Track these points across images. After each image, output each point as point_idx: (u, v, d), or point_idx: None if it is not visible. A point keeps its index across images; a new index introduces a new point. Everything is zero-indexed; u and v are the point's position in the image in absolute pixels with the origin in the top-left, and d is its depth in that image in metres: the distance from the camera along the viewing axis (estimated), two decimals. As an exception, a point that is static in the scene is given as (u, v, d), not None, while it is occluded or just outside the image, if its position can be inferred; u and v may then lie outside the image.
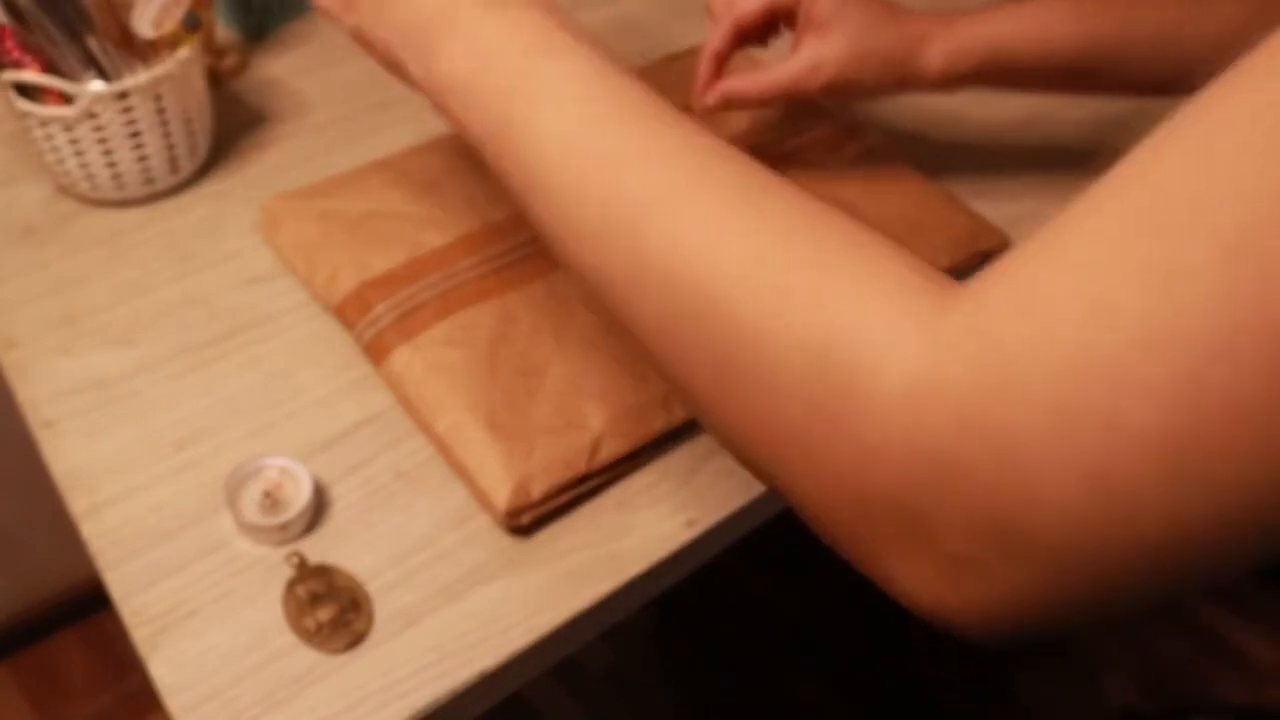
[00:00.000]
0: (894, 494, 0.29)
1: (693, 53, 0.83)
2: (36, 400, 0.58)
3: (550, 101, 0.41)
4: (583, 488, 0.55)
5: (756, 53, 0.72)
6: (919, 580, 0.30)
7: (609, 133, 0.39)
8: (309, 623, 0.49)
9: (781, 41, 0.69)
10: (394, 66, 0.48)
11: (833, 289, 0.32)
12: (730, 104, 0.68)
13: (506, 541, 0.54)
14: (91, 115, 0.64)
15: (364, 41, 0.50)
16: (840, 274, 0.32)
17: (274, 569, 0.52)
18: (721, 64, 0.68)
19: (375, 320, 0.60)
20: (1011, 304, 0.28)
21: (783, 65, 0.66)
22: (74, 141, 0.65)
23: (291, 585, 0.51)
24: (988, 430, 0.27)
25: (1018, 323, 0.27)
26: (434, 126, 0.73)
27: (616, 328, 0.56)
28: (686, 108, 0.76)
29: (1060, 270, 0.27)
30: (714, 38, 0.68)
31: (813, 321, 0.31)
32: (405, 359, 0.59)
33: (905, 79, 0.66)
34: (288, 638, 0.50)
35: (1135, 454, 0.25)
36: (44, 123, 0.64)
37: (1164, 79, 0.65)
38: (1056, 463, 0.26)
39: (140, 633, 0.49)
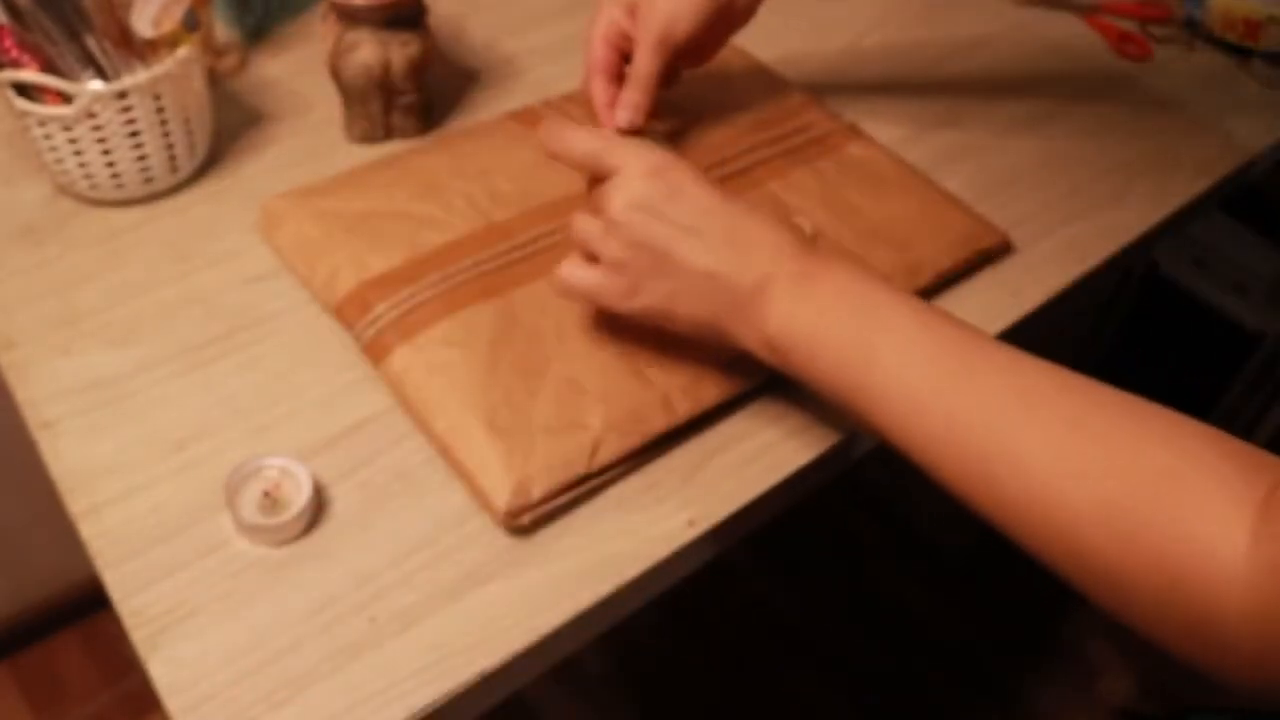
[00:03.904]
0: (1265, 684, 0.37)
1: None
2: (35, 400, 0.58)
3: (885, 366, 0.48)
4: (583, 488, 0.55)
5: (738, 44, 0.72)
6: None
7: (942, 392, 0.47)
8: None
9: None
10: (703, 328, 0.55)
11: (1171, 523, 0.39)
12: (640, 113, 0.67)
13: (506, 542, 0.54)
14: (90, 115, 0.64)
15: (654, 319, 0.55)
16: (1177, 505, 0.39)
17: (273, 569, 0.52)
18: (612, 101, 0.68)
19: (375, 320, 0.60)
20: None
21: (641, 49, 0.66)
22: (73, 141, 0.65)
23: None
24: None
25: None
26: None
27: (618, 326, 0.58)
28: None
29: None
30: (605, 119, 0.68)
31: (1157, 561, 0.39)
32: (405, 359, 0.58)
33: None
34: (287, 638, 0.50)
35: None
36: (43, 122, 0.64)
37: None
38: None
39: (139, 633, 0.49)
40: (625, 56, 0.70)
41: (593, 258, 0.56)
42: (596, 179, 0.57)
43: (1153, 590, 0.39)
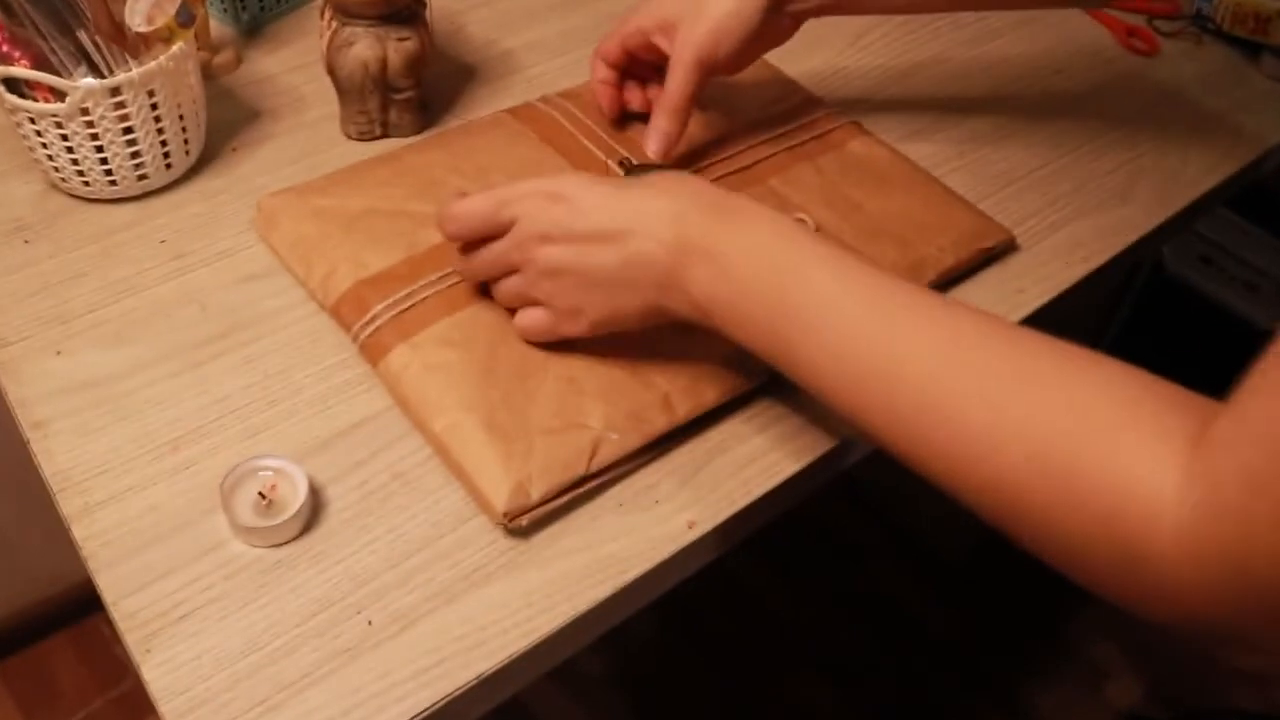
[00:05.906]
0: (1193, 623, 0.38)
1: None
2: (27, 400, 0.57)
3: (811, 321, 0.48)
4: (582, 489, 0.55)
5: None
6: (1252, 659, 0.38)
7: (868, 340, 0.47)
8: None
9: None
10: (650, 314, 0.55)
11: (1103, 462, 0.39)
12: (672, 142, 0.68)
13: (505, 543, 0.53)
14: (83, 111, 0.63)
15: (607, 326, 0.56)
16: (1108, 445, 0.39)
17: (269, 571, 0.51)
18: (620, 108, 0.71)
19: (372, 319, 0.59)
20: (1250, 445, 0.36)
21: (677, 69, 0.66)
22: (65, 138, 0.64)
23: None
24: (1254, 575, 0.35)
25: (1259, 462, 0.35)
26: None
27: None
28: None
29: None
30: (601, 95, 0.71)
31: (1088, 500, 0.39)
32: (403, 359, 0.58)
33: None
34: (283, 640, 0.49)
35: None
36: (35, 118, 0.64)
37: None
38: None
39: (133, 636, 0.49)
40: (640, 63, 0.70)
41: (535, 302, 0.57)
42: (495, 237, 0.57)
43: (1083, 529, 0.40)
